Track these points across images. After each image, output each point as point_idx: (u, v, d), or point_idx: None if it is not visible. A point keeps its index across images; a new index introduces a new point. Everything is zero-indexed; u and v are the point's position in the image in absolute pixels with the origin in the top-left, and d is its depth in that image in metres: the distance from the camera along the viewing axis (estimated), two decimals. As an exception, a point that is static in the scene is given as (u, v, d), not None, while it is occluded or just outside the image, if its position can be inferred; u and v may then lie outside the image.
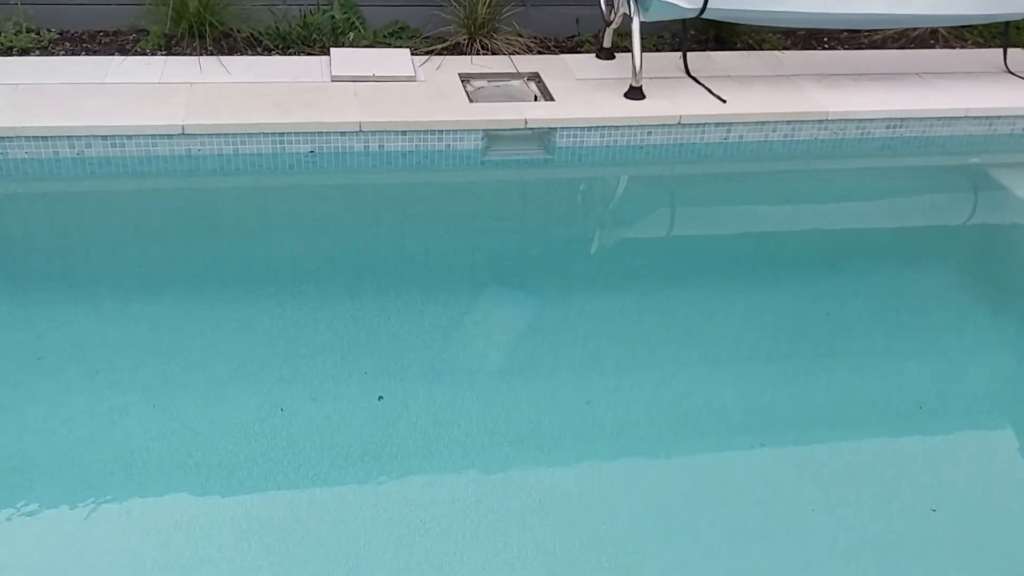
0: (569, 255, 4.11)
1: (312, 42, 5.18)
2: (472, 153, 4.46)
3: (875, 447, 3.08)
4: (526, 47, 5.26)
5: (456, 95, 4.62)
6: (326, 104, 4.41)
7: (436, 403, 3.09)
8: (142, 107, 4.25)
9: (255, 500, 2.72)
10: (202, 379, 3.15)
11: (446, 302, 3.64)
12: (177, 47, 4.98)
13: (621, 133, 4.54)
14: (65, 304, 3.50)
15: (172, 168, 4.20)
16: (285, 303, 3.57)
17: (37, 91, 4.34)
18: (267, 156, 4.26)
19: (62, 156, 4.10)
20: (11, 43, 4.87)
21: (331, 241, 4.10)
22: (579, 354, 3.40)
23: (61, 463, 2.79)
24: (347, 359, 3.28)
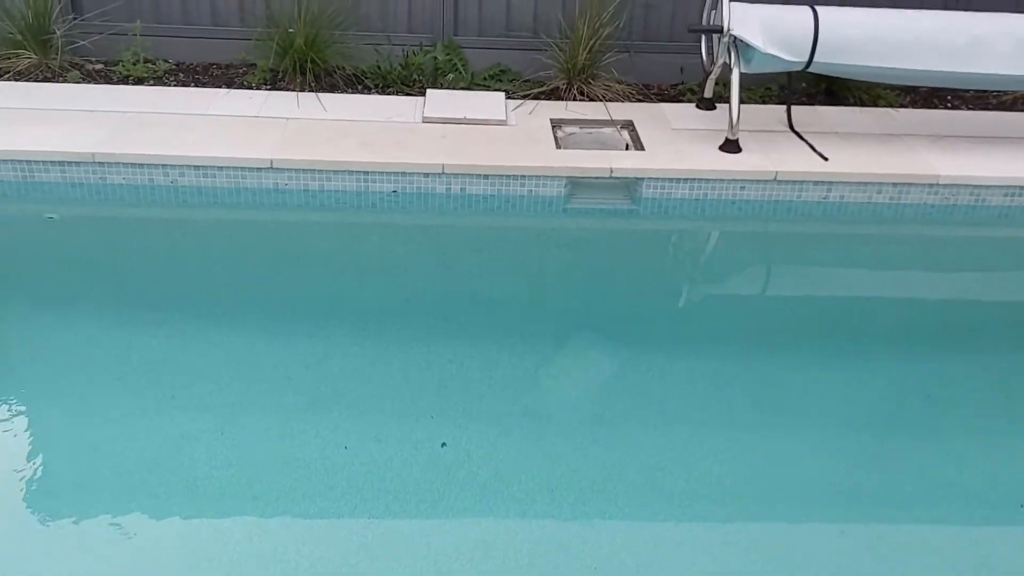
0: (650, 310, 3.97)
1: (412, 82, 5.24)
2: (555, 200, 4.39)
3: (967, 545, 2.81)
4: (625, 94, 5.17)
5: (544, 140, 4.56)
6: (413, 145, 4.43)
7: (499, 455, 3.03)
8: (236, 140, 4.37)
9: (309, 537, 2.71)
10: (271, 411, 3.17)
11: (520, 352, 3.57)
12: (281, 82, 5.12)
13: (712, 187, 4.38)
14: (149, 327, 3.60)
15: (259, 201, 4.30)
16: (359, 341, 3.58)
17: (141, 120, 4.53)
18: (351, 193, 4.31)
19: (156, 183, 4.26)
20: (128, 72, 5.11)
21: (409, 282, 4.09)
22: (654, 416, 3.27)
23: (126, 484, 2.85)
24: (415, 402, 3.25)
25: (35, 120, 4.45)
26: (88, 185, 4.24)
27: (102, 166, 4.20)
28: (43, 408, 3.16)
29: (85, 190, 4.24)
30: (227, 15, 5.37)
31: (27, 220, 4.22)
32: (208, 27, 5.38)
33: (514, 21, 5.41)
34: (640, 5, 5.37)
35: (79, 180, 4.22)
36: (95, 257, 4.17)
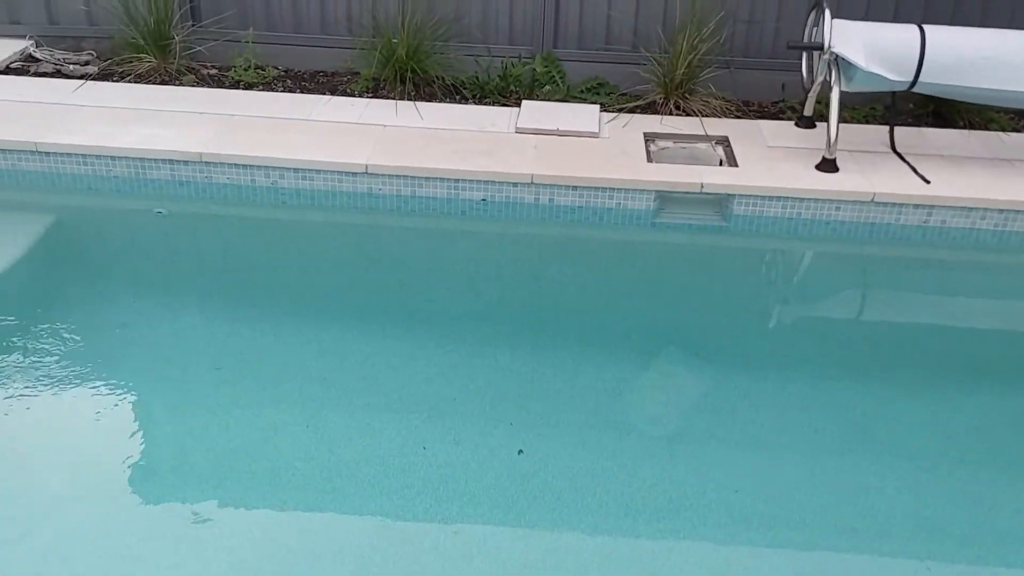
0: (737, 329, 3.91)
1: (509, 93, 5.31)
2: (643, 213, 4.38)
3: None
4: (722, 110, 5.11)
5: (636, 154, 4.55)
6: (503, 154, 4.48)
7: (576, 466, 3.04)
8: (334, 145, 4.51)
9: (383, 533, 2.78)
10: (356, 408, 3.28)
11: (601, 363, 3.57)
12: (382, 90, 5.26)
13: (806, 206, 4.29)
14: (246, 321, 3.75)
15: (354, 204, 4.42)
16: (444, 345, 3.64)
17: (247, 123, 4.72)
18: (442, 200, 4.39)
19: (258, 184, 4.43)
20: (239, 77, 5.34)
21: (495, 289, 4.15)
22: (736, 436, 3.22)
23: (215, 468, 3.00)
24: (495, 408, 3.30)
25: (150, 120, 4.69)
26: (195, 183, 4.45)
27: (208, 165, 4.40)
28: (146, 393, 3.33)
29: (192, 188, 4.45)
30: (335, 25, 5.55)
31: (138, 214, 4.45)
32: (317, 36, 5.57)
33: (614, 35, 5.43)
34: (742, 21, 5.31)
35: (187, 178, 4.43)
36: (199, 252, 4.37)
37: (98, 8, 5.56)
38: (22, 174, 4.46)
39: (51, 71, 5.38)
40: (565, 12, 5.42)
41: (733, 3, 5.25)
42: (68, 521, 2.75)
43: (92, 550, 2.67)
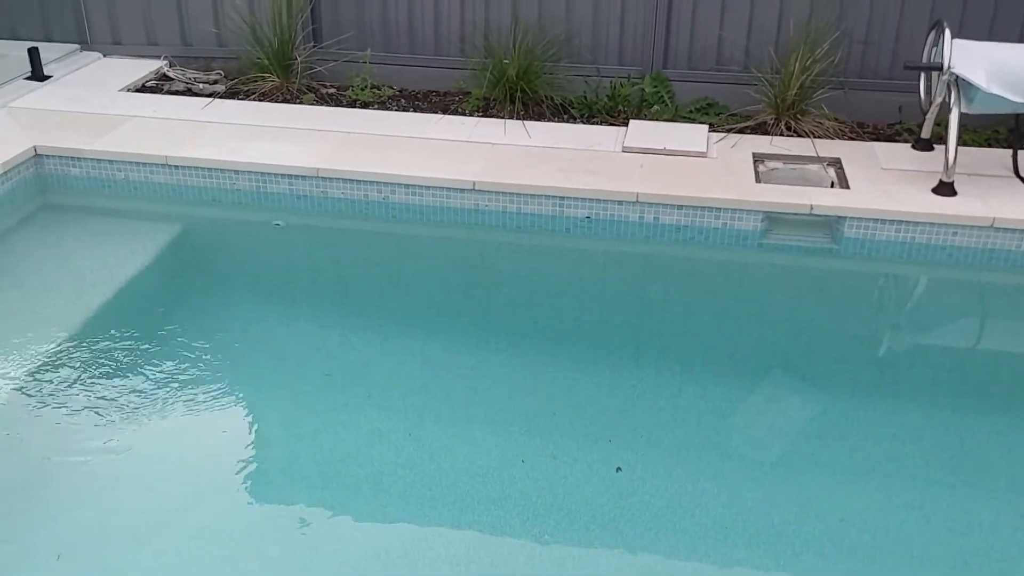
0: (845, 353, 3.82)
1: (616, 113, 5.34)
2: (750, 234, 4.33)
3: None
4: (835, 132, 5.01)
5: (744, 174, 4.51)
6: (609, 173, 4.51)
7: (675, 486, 3.02)
8: (444, 162, 4.63)
9: (480, 543, 2.83)
10: (457, 419, 3.35)
11: (705, 384, 3.55)
12: (492, 110, 5.37)
13: (920, 230, 4.17)
14: (355, 331, 3.89)
15: (461, 220, 4.52)
16: (546, 360, 3.69)
17: (362, 140, 4.89)
18: (546, 217, 4.44)
19: (370, 199, 4.58)
20: (356, 96, 5.53)
21: (598, 306, 4.17)
22: (843, 464, 3.15)
23: (321, 472, 3.11)
24: (595, 424, 3.31)
25: (272, 137, 4.91)
26: (311, 197, 4.63)
27: (324, 180, 4.57)
28: (259, 396, 3.48)
29: (308, 201, 4.64)
30: (449, 46, 5.70)
31: (258, 225, 4.66)
32: (431, 57, 5.73)
33: (725, 55, 5.40)
34: (858, 42, 5.21)
35: (304, 192, 4.62)
36: (313, 263, 4.54)
37: (227, 31, 5.87)
38: (153, 186, 4.74)
39: (182, 89, 5.69)
40: (676, 33, 5.42)
41: (849, 23, 5.16)
42: (188, 519, 2.89)
43: (208, 547, 2.79)
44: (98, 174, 4.75)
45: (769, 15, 5.27)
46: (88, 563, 2.72)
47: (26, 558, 2.73)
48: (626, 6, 5.43)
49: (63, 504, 2.93)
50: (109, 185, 4.76)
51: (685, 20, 5.39)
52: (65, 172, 4.77)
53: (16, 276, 4.02)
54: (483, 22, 5.60)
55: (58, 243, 4.34)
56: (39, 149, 4.75)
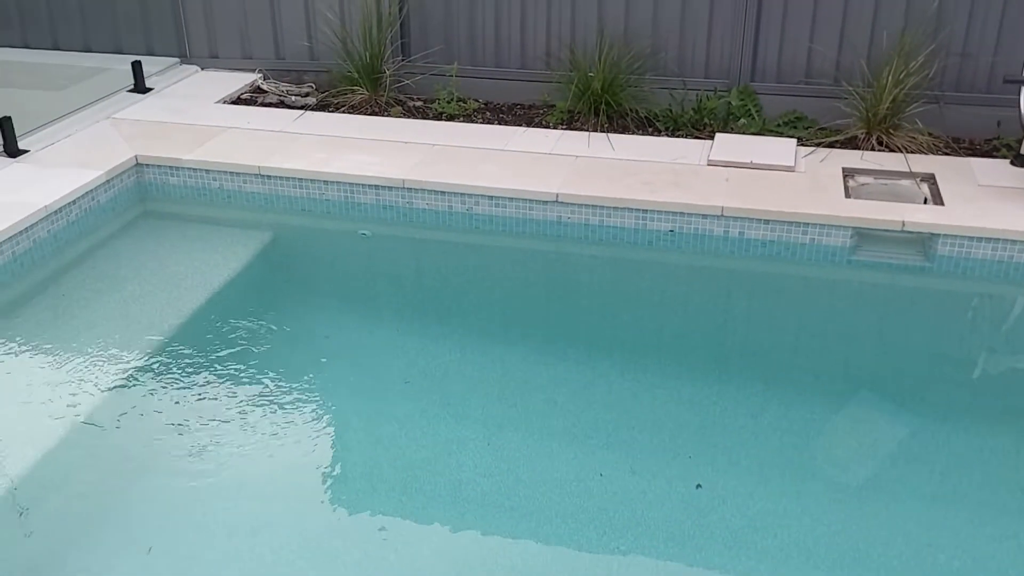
0: (936, 376, 3.70)
1: (702, 126, 5.29)
2: (839, 250, 4.23)
3: None
4: (929, 147, 4.88)
5: (833, 189, 4.42)
6: (694, 186, 4.47)
7: (755, 505, 2.98)
8: (527, 174, 4.66)
9: (557, 555, 2.83)
10: (535, 429, 3.36)
11: (788, 403, 3.48)
12: (576, 122, 5.38)
13: (1019, 249, 4.01)
14: (436, 339, 3.94)
15: (543, 232, 4.53)
16: (625, 373, 3.67)
17: (447, 152, 4.96)
18: (629, 230, 4.43)
19: (454, 210, 4.63)
20: (442, 109, 5.61)
21: (679, 321, 4.13)
22: (932, 489, 3.06)
23: (400, 478, 3.15)
24: (674, 440, 3.29)
25: (360, 148, 5.02)
26: (397, 207, 4.71)
27: (410, 191, 4.65)
28: (342, 401, 3.55)
29: (394, 212, 4.72)
30: (534, 59, 5.74)
31: (345, 235, 4.77)
32: (516, 70, 5.78)
33: (815, 68, 5.30)
34: (955, 54, 5.06)
35: (390, 202, 4.70)
36: (397, 271, 4.62)
37: (319, 45, 6.03)
38: (246, 195, 4.89)
39: (275, 101, 5.86)
40: (764, 46, 5.36)
41: (946, 35, 5.02)
42: (271, 519, 2.97)
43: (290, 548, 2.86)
44: (195, 183, 4.93)
45: (862, 28, 5.16)
46: (177, 559, 2.82)
47: (119, 550, 2.84)
48: (714, 19, 5.39)
49: (155, 502, 3.05)
50: (205, 193, 4.93)
51: (774, 33, 5.32)
52: (164, 180, 4.97)
53: (116, 281, 4.19)
54: (569, 36, 5.62)
55: (156, 249, 4.51)
56: (140, 158, 4.95)
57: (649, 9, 5.44)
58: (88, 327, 3.82)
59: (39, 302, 4.11)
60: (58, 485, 3.12)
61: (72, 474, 3.18)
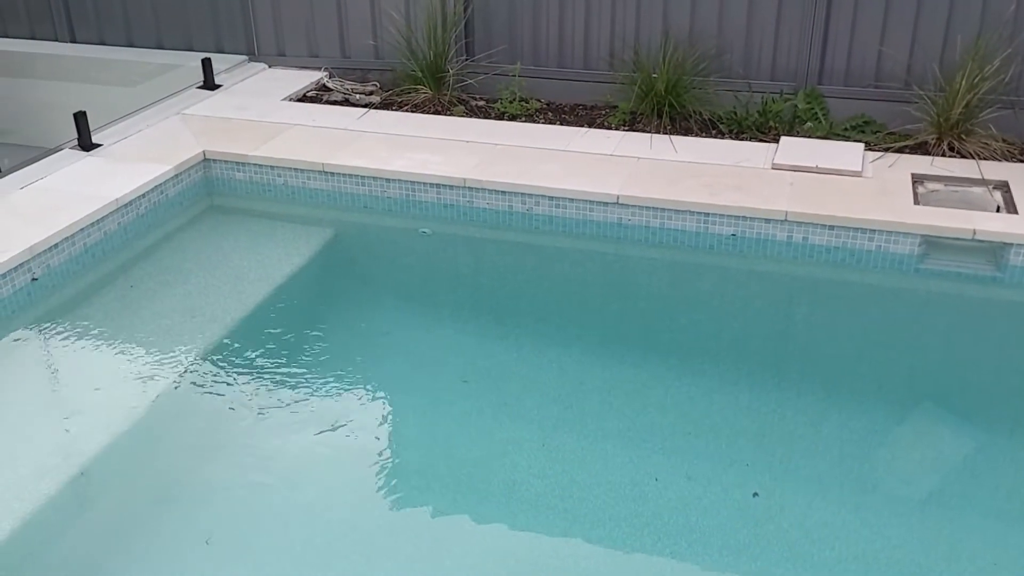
0: (1006, 389, 3.60)
1: (768, 129, 5.21)
2: (906, 258, 4.14)
3: None
4: (1003, 153, 4.73)
5: (901, 195, 4.32)
6: (757, 190, 4.41)
7: (814, 516, 2.94)
8: (588, 175, 4.64)
9: (609, 559, 2.82)
10: (591, 431, 3.36)
11: (849, 412, 3.42)
12: (638, 124, 5.34)
13: (1097, 260, 3.89)
14: (493, 339, 3.95)
15: (603, 233, 4.51)
16: (683, 377, 3.64)
17: (509, 152, 4.96)
18: (690, 233, 4.38)
19: (514, 210, 4.63)
20: (504, 109, 5.62)
21: (740, 326, 4.08)
22: (998, 506, 2.99)
23: (455, 476, 3.18)
24: (732, 446, 3.26)
25: (422, 147, 5.05)
26: (457, 206, 4.73)
27: (470, 191, 4.67)
28: (400, 397, 3.58)
29: (454, 211, 4.74)
30: (597, 60, 5.72)
31: (406, 232, 4.80)
32: (579, 71, 5.76)
33: (884, 71, 5.19)
34: (1033, 58, 4.92)
35: (451, 201, 4.72)
36: (456, 270, 4.65)
37: (384, 44, 6.08)
38: (310, 191, 4.95)
39: (340, 100, 5.93)
40: (832, 48, 5.26)
41: (1022, 40, 4.87)
42: (326, 514, 3.01)
43: (344, 542, 2.90)
44: (260, 179, 5.01)
45: (935, 31, 5.03)
46: (235, 551, 2.86)
47: (178, 540, 2.90)
48: (781, 20, 5.31)
49: (214, 494, 3.11)
50: (270, 189, 5.01)
51: (843, 35, 5.22)
52: (230, 176, 5.06)
53: (182, 273, 4.28)
54: (633, 37, 5.58)
55: (221, 243, 4.61)
56: (208, 154, 5.05)
57: (715, 10, 5.38)
58: (155, 318, 3.92)
59: (109, 292, 4.22)
60: (125, 472, 3.21)
61: (138, 461, 3.26)
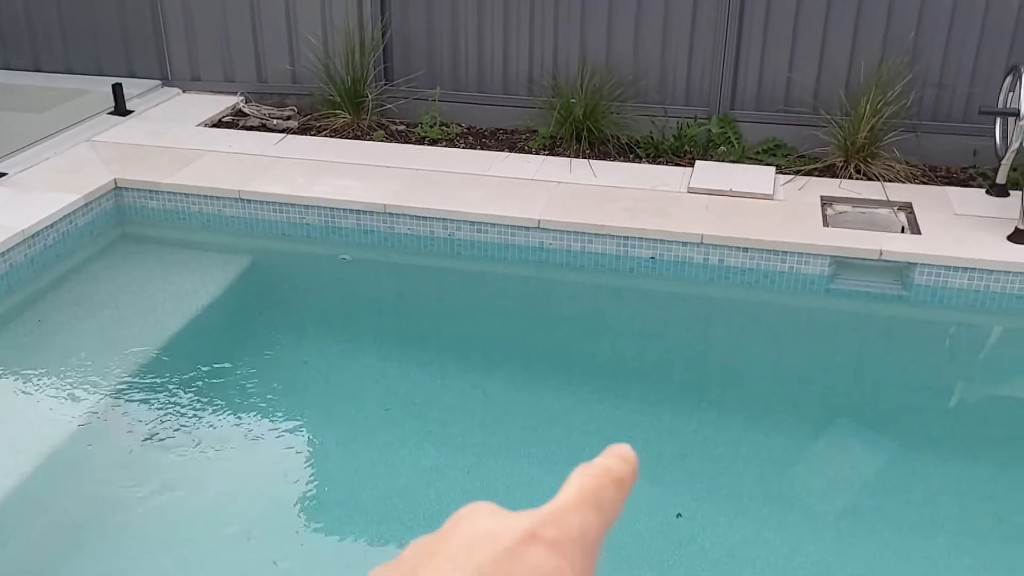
0: (914, 405, 3.73)
1: (683, 153, 5.33)
2: (817, 279, 4.26)
3: None
4: (907, 175, 4.93)
5: (811, 217, 4.46)
6: (674, 214, 4.50)
7: (735, 535, 2.99)
8: (509, 200, 4.67)
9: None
10: (515, 457, 3.35)
11: (766, 431, 3.50)
12: (558, 148, 5.40)
13: (995, 278, 4.06)
14: (416, 366, 3.93)
15: (525, 257, 4.54)
16: (605, 400, 3.68)
17: (430, 177, 4.96)
18: (611, 256, 4.44)
19: (436, 235, 4.63)
20: (425, 133, 5.63)
21: (659, 348, 4.14)
22: (910, 520, 3.07)
23: (379, 507, 3.14)
24: (654, 468, 3.27)
25: (342, 172, 5.01)
26: (378, 232, 4.70)
27: (391, 216, 4.65)
28: (320, 429, 3.53)
29: (375, 236, 4.70)
30: (517, 85, 5.77)
31: (326, 259, 4.76)
32: (499, 95, 5.80)
33: (793, 97, 5.36)
34: (931, 84, 5.13)
35: (371, 227, 4.69)
36: (378, 297, 4.62)
37: (301, 68, 6.03)
38: (226, 219, 4.86)
39: (257, 125, 5.86)
40: (744, 74, 5.41)
41: (922, 66, 5.09)
42: (248, 550, 2.94)
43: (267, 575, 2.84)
44: (174, 207, 4.91)
45: (840, 57, 5.23)
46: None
47: (93, 582, 2.81)
48: (694, 47, 5.44)
49: (127, 536, 3.01)
50: (184, 217, 4.91)
51: (753, 62, 5.38)
52: (143, 204, 4.94)
53: (93, 305, 4.16)
54: (551, 62, 5.66)
55: (134, 273, 4.49)
56: (119, 182, 4.92)
57: (630, 37, 5.49)
58: (65, 353, 3.79)
59: (16, 327, 4.07)
60: (35, 514, 3.09)
61: (49, 502, 3.14)
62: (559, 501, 0.46)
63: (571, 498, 0.47)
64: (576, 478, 0.48)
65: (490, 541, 0.43)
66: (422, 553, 0.44)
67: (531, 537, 0.44)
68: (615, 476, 0.48)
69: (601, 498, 0.47)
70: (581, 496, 0.47)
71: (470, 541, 0.43)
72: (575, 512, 0.46)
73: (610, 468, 0.49)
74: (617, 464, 0.49)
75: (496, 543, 0.43)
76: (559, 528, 0.45)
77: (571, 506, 0.46)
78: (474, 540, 0.43)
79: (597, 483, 0.48)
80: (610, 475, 0.48)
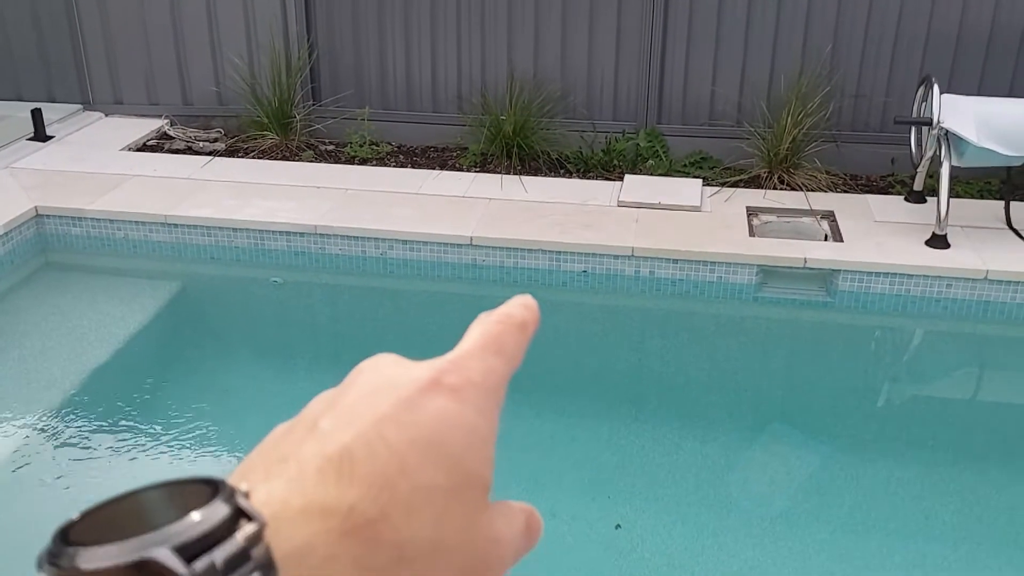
0: (842, 408, 3.82)
1: (612, 168, 5.40)
2: (745, 288, 4.34)
3: None
4: (828, 184, 5.07)
5: (738, 228, 4.55)
6: (605, 227, 4.55)
7: (674, 544, 3.01)
8: (441, 217, 4.67)
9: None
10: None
11: (702, 439, 3.54)
12: (489, 165, 5.43)
13: (915, 283, 4.19)
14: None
15: (458, 275, 4.54)
16: (542, 415, 3.68)
17: (361, 196, 4.94)
18: (543, 271, 4.47)
19: (368, 255, 4.60)
20: (355, 153, 5.60)
21: (594, 361, 4.17)
22: (842, 520, 3.14)
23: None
24: (594, 481, 3.30)
25: (271, 194, 4.96)
26: (309, 254, 4.65)
27: (322, 237, 4.60)
28: (251, 454, 3.46)
29: (306, 258, 4.66)
30: (446, 103, 5.78)
31: (256, 283, 4.69)
32: (428, 113, 5.81)
33: (718, 110, 5.48)
34: (849, 95, 5.29)
35: (302, 249, 4.65)
36: (311, 319, 4.57)
37: (227, 90, 5.96)
38: (152, 244, 4.76)
39: (183, 148, 5.76)
40: (669, 89, 5.51)
41: (840, 78, 5.24)
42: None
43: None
44: (98, 233, 4.79)
45: (760, 70, 5.36)
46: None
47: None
48: (620, 63, 5.53)
49: None
50: (109, 244, 4.79)
51: (678, 76, 5.48)
52: (66, 232, 4.81)
53: (16, 336, 4.04)
54: (480, 79, 5.69)
55: (58, 302, 4.37)
56: (40, 209, 4.79)
57: (556, 52, 5.56)
58: (-16, 387, 3.67)
59: (-69, 361, 3.93)
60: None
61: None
62: (461, 348, 0.47)
63: (473, 344, 0.47)
64: (477, 325, 0.48)
65: (391, 390, 0.43)
66: (323, 406, 0.44)
67: (433, 384, 0.44)
68: (517, 320, 0.49)
69: (504, 343, 0.47)
70: (484, 342, 0.47)
71: (371, 391, 0.43)
72: (477, 358, 0.46)
73: (512, 314, 0.49)
74: (519, 310, 0.49)
75: (397, 391, 0.43)
76: (461, 374, 0.45)
77: (473, 352, 0.46)
78: (375, 390, 0.43)
79: (499, 328, 0.48)
80: (512, 320, 0.48)
